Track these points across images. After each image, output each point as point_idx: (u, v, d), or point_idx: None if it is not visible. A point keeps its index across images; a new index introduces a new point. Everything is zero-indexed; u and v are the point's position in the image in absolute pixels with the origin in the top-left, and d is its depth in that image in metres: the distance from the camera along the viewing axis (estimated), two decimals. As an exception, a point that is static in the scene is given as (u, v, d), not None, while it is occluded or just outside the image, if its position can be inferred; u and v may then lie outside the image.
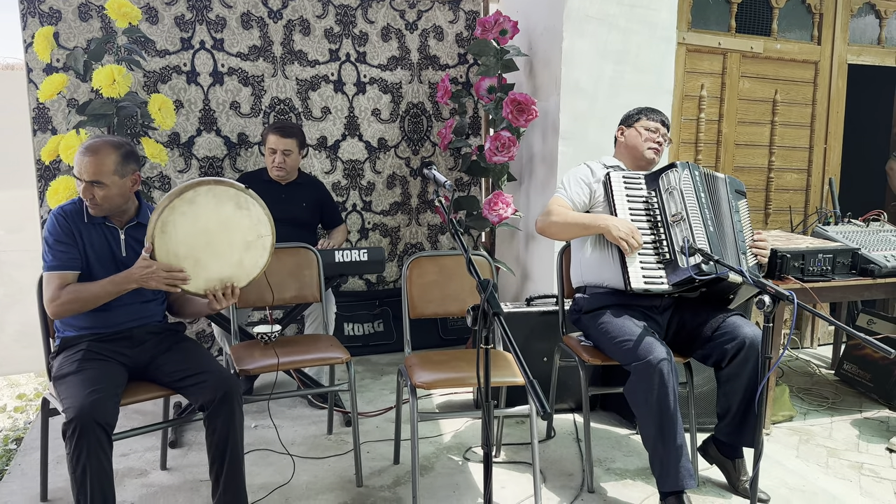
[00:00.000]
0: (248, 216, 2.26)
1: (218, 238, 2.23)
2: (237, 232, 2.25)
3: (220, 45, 3.81)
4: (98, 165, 2.19)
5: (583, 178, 2.76)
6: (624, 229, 2.52)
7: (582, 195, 2.72)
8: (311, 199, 3.58)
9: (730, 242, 2.61)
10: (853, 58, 4.40)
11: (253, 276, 2.31)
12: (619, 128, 2.87)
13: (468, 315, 1.53)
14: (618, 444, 3.05)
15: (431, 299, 2.81)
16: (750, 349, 2.45)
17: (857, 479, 2.81)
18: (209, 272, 2.23)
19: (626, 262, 2.54)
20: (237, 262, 2.27)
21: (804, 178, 4.45)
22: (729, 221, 2.65)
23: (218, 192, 2.21)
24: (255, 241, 2.29)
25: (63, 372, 2.16)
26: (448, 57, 4.28)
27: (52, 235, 2.23)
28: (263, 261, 2.31)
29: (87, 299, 2.18)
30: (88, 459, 1.95)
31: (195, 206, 2.18)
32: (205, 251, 2.22)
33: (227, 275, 2.25)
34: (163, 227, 2.15)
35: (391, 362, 4.07)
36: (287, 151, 3.43)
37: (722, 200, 2.68)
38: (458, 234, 1.82)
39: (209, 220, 2.20)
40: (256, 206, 2.28)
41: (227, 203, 2.23)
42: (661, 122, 2.79)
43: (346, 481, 2.68)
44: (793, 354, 4.40)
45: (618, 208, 2.63)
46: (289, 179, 3.53)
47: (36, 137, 3.55)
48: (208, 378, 2.20)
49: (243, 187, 2.26)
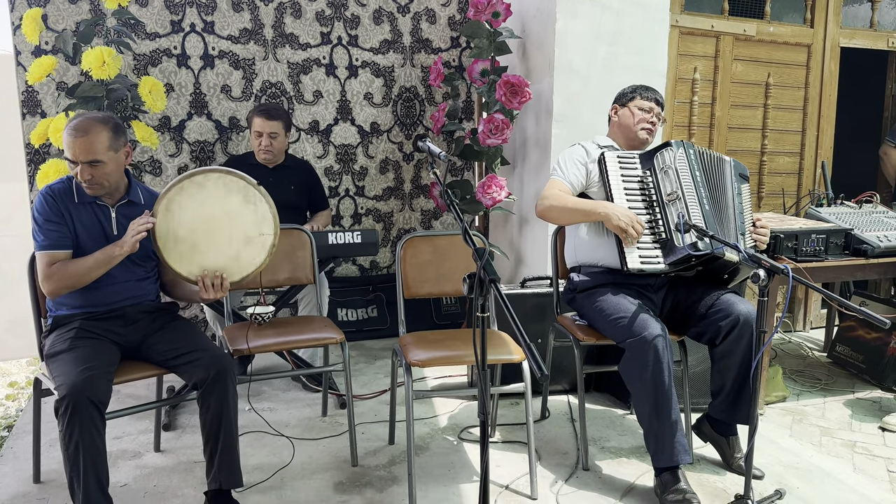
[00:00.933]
0: (255, 212, 2.27)
1: (219, 227, 2.23)
2: (239, 225, 2.26)
3: (210, 27, 3.78)
4: (92, 144, 2.15)
5: (578, 158, 2.74)
6: (625, 219, 2.50)
7: (579, 176, 2.71)
8: (300, 181, 3.55)
9: (728, 221, 2.60)
10: (846, 41, 4.40)
11: (246, 273, 2.30)
12: (613, 107, 2.85)
13: (464, 283, 1.52)
14: (612, 424, 3.06)
15: (426, 279, 2.80)
16: (744, 326, 2.46)
17: (850, 456, 2.82)
18: (204, 259, 2.23)
19: (622, 242, 2.54)
20: (234, 256, 2.26)
21: (797, 162, 4.46)
22: (729, 201, 2.63)
23: (228, 182, 2.22)
24: (255, 237, 2.28)
25: (55, 350, 2.15)
26: (440, 40, 4.26)
27: (42, 215, 2.20)
28: (260, 259, 2.30)
29: (80, 273, 2.16)
30: (81, 437, 1.93)
31: (204, 190, 2.19)
32: (204, 238, 2.22)
33: (222, 266, 2.25)
34: (168, 205, 2.16)
35: (385, 347, 4.06)
36: (273, 134, 3.40)
37: (724, 179, 2.66)
38: (453, 203, 1.81)
39: (215, 207, 2.21)
40: (264, 203, 2.29)
41: (235, 194, 2.23)
42: (655, 100, 2.78)
43: (342, 461, 2.67)
44: (786, 337, 4.42)
45: (613, 188, 2.61)
46: (276, 162, 3.50)
47: (25, 121, 3.52)
48: (202, 356, 2.19)
49: (255, 182, 2.26)
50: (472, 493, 2.44)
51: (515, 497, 2.44)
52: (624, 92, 2.83)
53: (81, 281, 2.17)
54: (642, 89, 2.79)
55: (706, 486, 2.52)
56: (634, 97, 2.78)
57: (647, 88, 2.79)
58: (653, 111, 2.76)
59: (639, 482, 2.54)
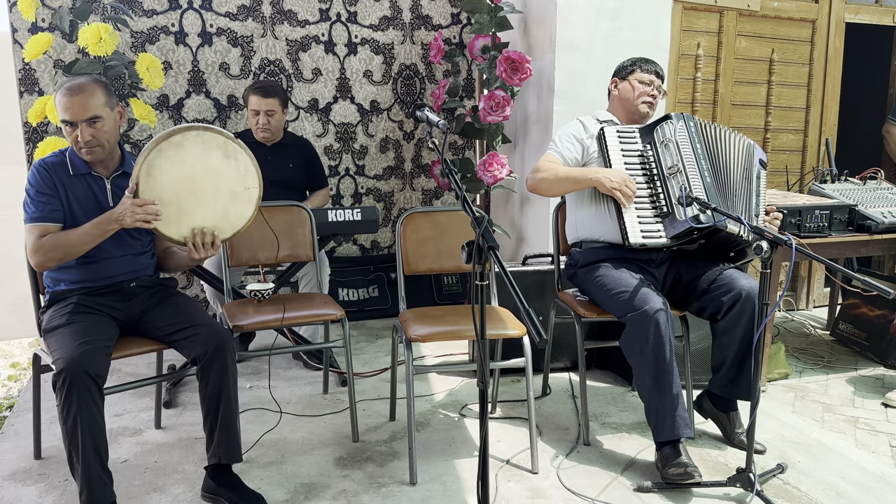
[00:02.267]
0: (236, 166, 2.22)
1: (203, 185, 2.18)
2: (224, 181, 2.21)
3: (208, 4, 3.73)
4: (89, 100, 2.14)
5: (574, 133, 2.71)
6: (616, 179, 2.49)
7: (574, 151, 2.68)
8: (298, 159, 3.53)
9: (733, 195, 2.55)
10: (851, 16, 4.34)
11: (238, 229, 2.26)
12: (613, 80, 2.82)
13: (463, 251, 1.51)
14: (613, 401, 3.05)
15: (426, 255, 2.78)
16: (746, 301, 2.44)
17: (853, 432, 2.81)
18: (193, 219, 2.18)
19: (623, 216, 2.51)
20: (222, 213, 2.23)
21: (801, 139, 4.42)
22: (734, 174, 2.58)
23: (207, 139, 2.17)
24: (241, 192, 2.24)
25: (53, 325, 2.13)
26: (441, 16, 4.21)
27: (34, 187, 2.18)
28: (249, 213, 2.26)
29: (69, 245, 2.13)
30: (79, 410, 1.92)
31: (182, 150, 2.13)
32: (189, 198, 2.17)
33: (211, 224, 2.21)
34: (148, 170, 2.11)
35: (386, 326, 4.05)
36: (270, 112, 3.37)
37: (730, 152, 2.61)
38: (451, 172, 1.79)
39: (195, 166, 2.16)
40: (244, 155, 2.23)
41: (214, 150, 2.18)
42: (655, 73, 2.74)
43: (343, 437, 2.67)
44: (788, 316, 4.40)
45: (613, 163, 2.59)
46: (274, 140, 3.47)
47: (23, 99, 3.49)
48: (201, 331, 2.18)
49: (232, 136, 2.22)
50: (472, 467, 2.44)
51: (516, 471, 2.44)
52: (623, 65, 2.79)
53: (71, 253, 2.14)
54: (642, 62, 2.75)
55: (707, 461, 2.51)
56: (634, 70, 2.74)
57: (647, 61, 2.75)
58: (653, 84, 2.72)
59: (640, 456, 2.54)
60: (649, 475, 2.39)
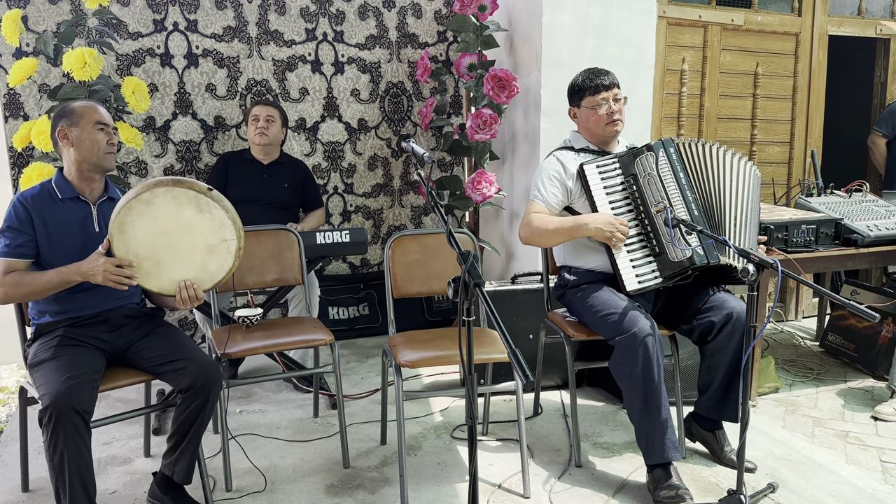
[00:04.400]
0: (211, 219, 2.16)
1: (179, 240, 2.14)
2: (199, 235, 2.16)
3: (193, 26, 3.73)
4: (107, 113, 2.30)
5: (553, 175, 2.61)
6: (607, 228, 2.44)
7: (557, 195, 2.60)
8: (293, 179, 3.53)
9: (727, 219, 2.50)
10: (833, 29, 4.39)
11: (218, 280, 2.22)
12: (570, 108, 2.71)
13: (449, 287, 1.50)
14: (604, 419, 3.05)
15: (415, 278, 2.78)
16: (737, 322, 2.45)
17: (843, 447, 2.82)
18: (172, 273, 2.16)
19: (616, 261, 2.48)
20: (200, 265, 2.19)
21: (786, 151, 4.45)
22: (726, 195, 2.52)
23: (177, 194, 2.11)
24: (218, 244, 2.19)
25: (39, 359, 2.12)
26: (427, 35, 4.22)
27: (6, 222, 2.18)
28: (228, 264, 2.21)
29: (30, 287, 2.12)
30: (66, 446, 1.90)
31: (153, 207, 2.09)
32: (166, 252, 2.14)
33: (191, 277, 2.18)
34: (121, 227, 2.08)
35: (377, 345, 4.04)
36: (270, 117, 3.41)
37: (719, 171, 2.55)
38: (437, 204, 1.79)
39: (169, 221, 2.12)
40: (219, 209, 2.16)
41: (186, 205, 2.12)
42: (605, 87, 2.58)
43: (333, 463, 2.66)
44: (777, 327, 4.42)
45: (598, 204, 2.53)
46: (271, 158, 3.48)
47: (7, 124, 3.47)
48: (189, 365, 2.17)
49: (206, 188, 2.15)
50: (464, 492, 2.43)
51: (508, 496, 2.43)
52: (572, 91, 2.67)
53: (33, 294, 2.14)
54: (588, 80, 2.60)
55: (699, 481, 2.51)
56: (584, 94, 2.61)
57: (593, 76, 2.60)
58: (608, 99, 2.58)
59: (631, 478, 2.54)
60: (641, 497, 2.39)
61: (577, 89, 2.65)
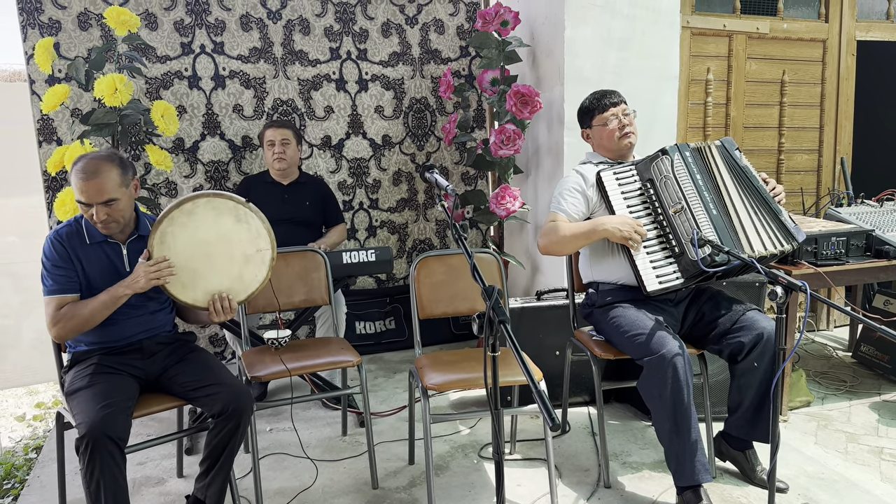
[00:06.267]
0: (248, 229, 2.25)
1: (217, 250, 2.22)
2: (237, 245, 2.25)
3: (220, 48, 3.79)
4: (104, 185, 2.16)
5: (575, 186, 2.66)
6: (625, 228, 2.46)
7: (578, 205, 2.64)
8: (314, 197, 3.57)
9: (749, 215, 2.51)
10: (862, 34, 4.32)
11: (252, 290, 2.30)
12: (582, 131, 2.80)
13: (474, 323, 1.51)
14: (633, 437, 3.03)
15: (440, 299, 2.79)
16: (767, 343, 2.42)
17: (878, 464, 2.78)
18: (208, 283, 2.23)
19: (635, 263, 2.49)
20: (237, 276, 2.26)
21: (815, 159, 4.39)
22: (737, 195, 2.53)
23: (217, 205, 2.21)
24: (254, 254, 2.27)
25: (75, 387, 2.17)
26: (450, 50, 4.24)
27: (49, 260, 2.22)
28: (262, 275, 2.30)
29: (85, 316, 2.17)
30: (102, 474, 1.95)
31: (194, 217, 2.17)
32: (204, 263, 2.21)
33: (226, 287, 2.25)
34: (161, 238, 2.15)
35: (404, 360, 4.06)
36: (285, 140, 3.44)
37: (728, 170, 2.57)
38: (461, 238, 1.80)
39: (208, 232, 2.20)
40: (256, 219, 2.27)
41: (226, 215, 2.22)
42: (612, 104, 2.68)
43: (362, 483, 2.68)
44: (809, 338, 4.36)
45: (616, 209, 2.55)
46: (290, 178, 3.53)
47: (41, 149, 3.56)
48: (221, 390, 2.20)
49: (243, 200, 2.25)
50: (492, 514, 2.44)
51: (536, 517, 2.43)
52: (581, 112, 2.78)
53: (89, 323, 2.19)
54: (595, 101, 2.72)
55: (729, 502, 2.49)
56: (594, 114, 2.71)
57: (600, 96, 2.71)
58: (617, 114, 2.67)
59: (661, 499, 2.52)
60: (671, 519, 2.38)
61: (587, 110, 2.76)
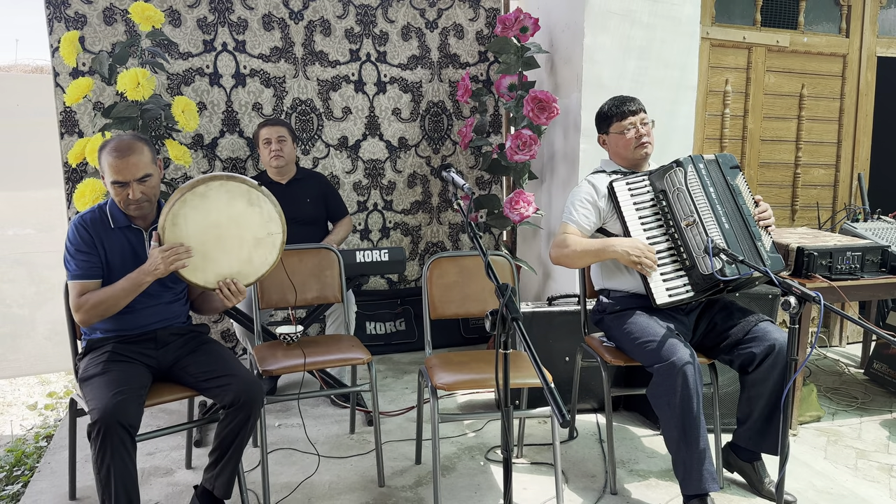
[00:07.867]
0: (260, 213, 2.27)
1: (228, 233, 2.24)
2: (248, 228, 2.27)
3: (241, 46, 3.83)
4: (140, 160, 2.21)
5: (587, 197, 2.66)
6: (634, 252, 2.46)
7: (590, 217, 2.64)
8: (315, 193, 3.59)
9: (745, 231, 2.53)
10: (882, 50, 4.31)
11: (261, 273, 2.32)
12: (599, 136, 2.80)
13: (486, 320, 1.53)
14: (641, 445, 3.03)
15: (452, 300, 2.80)
16: (779, 354, 2.41)
17: (888, 481, 2.76)
18: (218, 266, 2.25)
19: (647, 278, 2.50)
20: (247, 259, 2.28)
21: (832, 174, 4.37)
22: (746, 209, 2.56)
23: (230, 188, 2.23)
24: (265, 238, 2.29)
25: (89, 374, 2.20)
26: (468, 55, 4.27)
27: (73, 245, 2.25)
28: (273, 258, 2.31)
29: (108, 301, 2.20)
30: (112, 460, 1.97)
31: (207, 200, 2.20)
32: (215, 246, 2.23)
33: (236, 270, 2.27)
34: (174, 220, 2.17)
35: (413, 361, 4.07)
36: (281, 138, 3.46)
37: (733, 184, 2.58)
38: (476, 236, 1.82)
39: (220, 214, 2.22)
40: (268, 203, 2.29)
41: (238, 199, 2.24)
42: (631, 112, 2.66)
43: (369, 481, 2.69)
44: (821, 353, 4.33)
45: (628, 220, 2.56)
46: (288, 176, 3.54)
47: (63, 140, 3.61)
48: (232, 381, 2.22)
49: (256, 184, 2.28)
50: (498, 516, 2.44)
51: (542, 521, 2.43)
52: (600, 118, 2.76)
53: (112, 309, 2.22)
54: (614, 107, 2.69)
55: (736, 513, 2.48)
56: (612, 121, 2.69)
57: (619, 103, 2.70)
58: (635, 124, 2.66)
59: (667, 507, 2.52)
60: (676, 527, 2.38)
61: (605, 116, 2.74)
